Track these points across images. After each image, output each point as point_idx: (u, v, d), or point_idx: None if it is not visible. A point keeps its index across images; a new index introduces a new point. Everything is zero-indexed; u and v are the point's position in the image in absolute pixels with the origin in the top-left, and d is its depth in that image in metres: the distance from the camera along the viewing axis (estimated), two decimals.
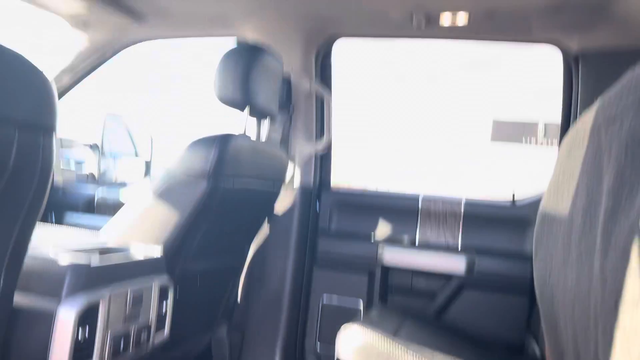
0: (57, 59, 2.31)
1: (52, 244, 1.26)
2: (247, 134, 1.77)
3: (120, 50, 2.35)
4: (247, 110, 1.71)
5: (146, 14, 2.12)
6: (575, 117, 1.95)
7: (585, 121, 0.85)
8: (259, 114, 1.81)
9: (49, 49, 2.31)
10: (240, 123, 1.77)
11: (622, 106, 0.69)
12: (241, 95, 1.64)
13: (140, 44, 2.37)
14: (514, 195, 2.05)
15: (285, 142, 2.18)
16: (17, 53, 0.86)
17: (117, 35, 2.26)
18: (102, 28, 2.21)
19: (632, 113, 0.65)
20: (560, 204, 0.91)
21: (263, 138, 2.01)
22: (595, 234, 0.70)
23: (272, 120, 2.07)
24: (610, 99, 0.74)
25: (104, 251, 1.30)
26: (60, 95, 2.38)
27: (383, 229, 2.16)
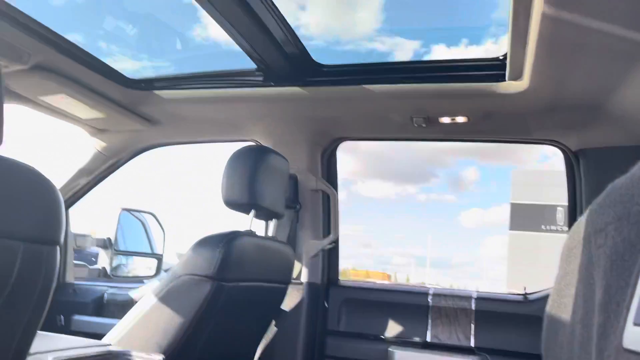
0: (74, 160, 2.42)
1: (53, 351, 1.26)
2: (253, 228, 1.79)
3: (136, 155, 2.46)
4: (252, 212, 1.74)
5: (161, 121, 2.24)
6: (581, 211, 1.95)
7: (579, 227, 0.86)
8: (265, 216, 1.84)
9: (66, 150, 2.43)
10: (246, 221, 1.79)
11: (606, 220, 0.70)
12: (247, 199, 1.67)
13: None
14: (525, 289, 2.01)
15: (292, 238, 2.20)
16: (29, 166, 0.92)
17: (133, 140, 2.38)
18: (119, 134, 2.34)
19: (613, 227, 0.66)
20: (563, 311, 0.90)
21: (270, 234, 2.03)
22: (592, 349, 0.68)
23: (279, 217, 2.10)
24: (597, 209, 0.76)
25: (103, 358, 1.29)
26: (77, 198, 2.46)
27: (393, 327, 2.11)
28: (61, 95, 1.89)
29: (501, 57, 1.67)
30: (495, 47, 2.03)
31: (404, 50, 2.58)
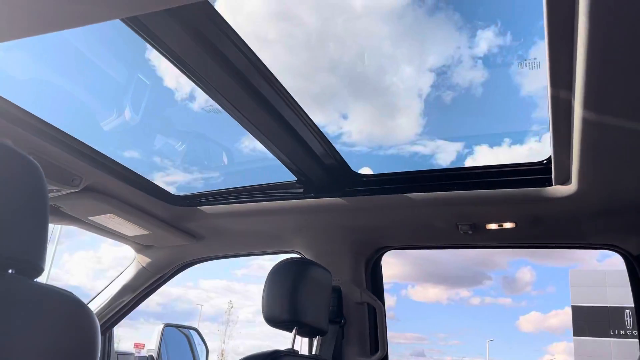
0: (120, 276, 2.44)
1: None
2: (296, 346, 1.69)
3: (180, 271, 2.46)
4: (295, 330, 1.66)
5: (204, 236, 2.26)
6: None
7: None
8: (308, 333, 1.76)
9: (111, 265, 2.46)
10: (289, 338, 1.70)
11: None
12: (289, 316, 1.60)
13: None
14: None
15: (337, 355, 2.07)
16: (66, 293, 0.92)
17: (178, 256, 2.40)
18: (164, 250, 2.36)
19: None
20: None
21: (313, 352, 1.93)
22: None
23: (323, 334, 2.01)
24: None
25: None
26: (122, 316, 2.45)
27: None
28: (110, 214, 1.94)
29: (545, 162, 1.63)
30: (539, 145, 1.98)
31: (446, 153, 2.56)
